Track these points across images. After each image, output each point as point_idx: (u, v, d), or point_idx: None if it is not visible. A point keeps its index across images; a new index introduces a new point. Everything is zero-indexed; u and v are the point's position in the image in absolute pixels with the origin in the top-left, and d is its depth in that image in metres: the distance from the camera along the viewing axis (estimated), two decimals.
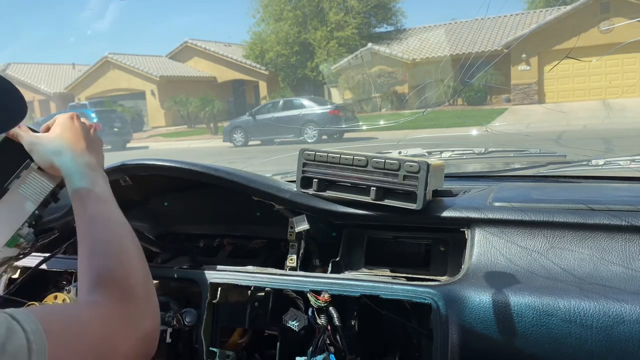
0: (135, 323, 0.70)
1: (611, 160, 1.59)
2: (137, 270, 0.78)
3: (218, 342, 1.11)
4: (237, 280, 1.09)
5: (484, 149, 1.83)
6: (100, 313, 0.68)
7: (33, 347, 0.55)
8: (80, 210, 0.83)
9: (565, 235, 0.97)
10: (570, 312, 0.84)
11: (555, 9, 17.18)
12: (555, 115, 12.86)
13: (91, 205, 0.83)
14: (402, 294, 0.96)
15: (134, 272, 0.76)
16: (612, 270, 0.90)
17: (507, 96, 20.18)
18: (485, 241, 1.01)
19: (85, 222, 0.81)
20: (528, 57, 19.22)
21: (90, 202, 0.83)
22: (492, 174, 1.61)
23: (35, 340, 0.56)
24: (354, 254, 1.18)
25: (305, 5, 25.59)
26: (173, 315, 1.10)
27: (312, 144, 12.47)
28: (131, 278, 0.75)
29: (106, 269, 0.74)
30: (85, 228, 0.81)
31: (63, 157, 0.89)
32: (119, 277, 0.74)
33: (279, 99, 18.60)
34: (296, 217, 1.16)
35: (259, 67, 26.34)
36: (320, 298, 0.98)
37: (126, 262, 0.77)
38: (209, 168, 1.19)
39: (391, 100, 19.60)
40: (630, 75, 17.04)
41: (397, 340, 1.08)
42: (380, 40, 24.00)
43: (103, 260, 0.75)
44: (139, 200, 1.44)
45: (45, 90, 28.54)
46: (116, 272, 0.74)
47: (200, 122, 23.72)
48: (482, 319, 0.89)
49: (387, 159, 1.06)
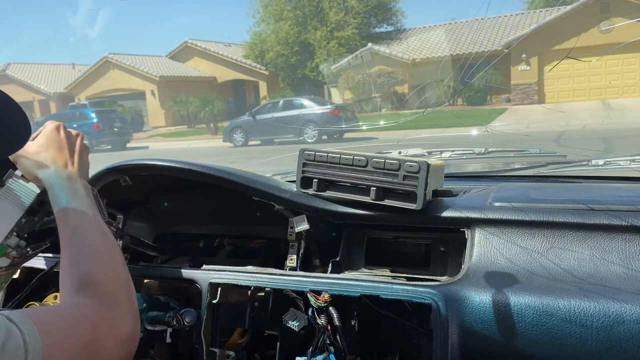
0: (118, 324, 0.74)
1: (611, 160, 1.59)
2: (118, 274, 0.81)
3: (218, 342, 1.10)
4: (237, 280, 1.09)
5: (484, 149, 1.83)
6: (87, 314, 0.71)
7: (29, 347, 0.58)
8: (62, 223, 0.86)
9: (565, 235, 0.97)
10: (570, 312, 0.84)
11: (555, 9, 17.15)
12: (555, 115, 12.85)
13: (72, 217, 0.86)
14: (402, 294, 0.96)
15: (114, 277, 0.80)
16: (612, 270, 0.90)
17: (507, 96, 20.19)
18: (485, 241, 1.01)
19: (67, 233, 0.85)
20: (528, 57, 19.23)
21: (71, 214, 0.87)
22: (492, 174, 1.61)
23: (31, 341, 0.58)
24: (354, 254, 1.18)
25: (305, 5, 25.59)
26: (173, 315, 1.10)
27: (312, 144, 12.49)
28: (112, 282, 0.79)
29: (88, 274, 0.78)
30: (67, 238, 0.84)
31: (46, 171, 0.92)
32: (101, 280, 0.77)
33: (279, 99, 18.60)
34: (296, 217, 1.16)
35: (259, 67, 26.34)
36: (320, 298, 0.98)
37: (107, 267, 0.81)
38: (209, 168, 1.19)
39: (391, 100, 19.61)
40: (630, 75, 17.04)
41: (397, 340, 1.08)
42: (380, 40, 24.00)
43: (84, 267, 0.79)
44: (139, 200, 1.44)
45: (45, 90, 28.54)
46: (98, 276, 0.78)
47: (200, 122, 23.72)
48: (482, 319, 0.89)
49: (387, 159, 1.06)
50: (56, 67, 31.69)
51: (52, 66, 31.65)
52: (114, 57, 27.39)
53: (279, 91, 24.85)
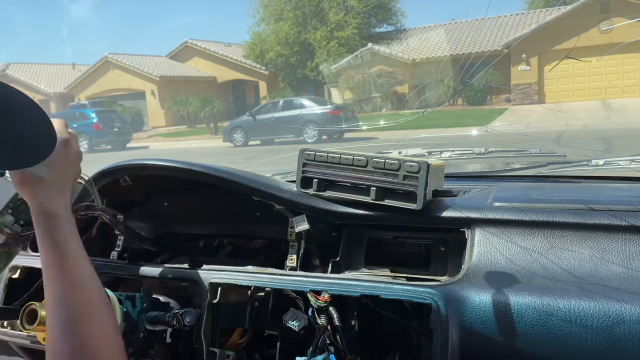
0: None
1: (611, 160, 1.59)
2: (114, 343, 0.76)
3: (218, 342, 1.10)
4: (237, 280, 1.09)
5: (484, 149, 1.83)
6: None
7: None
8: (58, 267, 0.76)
9: (565, 235, 0.97)
10: (570, 312, 0.84)
11: (555, 9, 17.17)
12: (555, 115, 12.84)
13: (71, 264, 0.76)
14: (402, 294, 0.96)
15: (110, 347, 0.75)
16: (612, 270, 0.90)
17: (507, 96, 20.18)
18: (485, 241, 1.01)
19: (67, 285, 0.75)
20: (528, 57, 19.22)
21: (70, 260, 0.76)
22: (492, 174, 1.61)
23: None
24: (354, 254, 1.18)
25: (305, 5, 25.59)
26: (173, 315, 1.10)
27: (312, 144, 12.49)
28: (108, 353, 0.74)
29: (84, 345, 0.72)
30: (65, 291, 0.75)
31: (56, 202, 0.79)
32: (97, 353, 0.73)
33: (279, 99, 18.58)
34: (296, 217, 1.16)
35: (259, 67, 26.34)
36: (320, 298, 0.98)
37: (104, 335, 0.75)
38: (209, 168, 1.19)
39: (391, 100, 19.60)
40: (630, 75, 17.03)
41: (397, 340, 1.08)
42: (380, 40, 24.00)
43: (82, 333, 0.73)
44: (139, 200, 1.44)
45: (45, 90, 28.52)
46: (94, 348, 0.73)
47: (200, 122, 23.71)
48: (482, 319, 0.89)
49: (387, 159, 1.06)
50: (56, 67, 31.66)
51: (52, 66, 31.62)
52: (114, 57, 27.38)
53: (279, 91, 24.84)
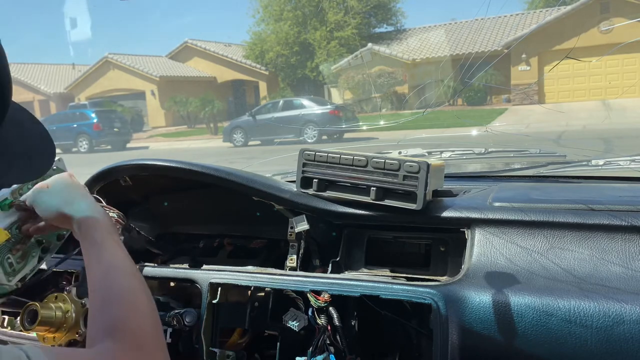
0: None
1: (611, 160, 1.59)
2: (149, 321, 0.79)
3: (218, 342, 1.10)
4: (237, 280, 1.09)
5: (484, 149, 1.83)
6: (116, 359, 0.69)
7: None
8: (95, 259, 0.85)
9: (565, 235, 0.97)
10: (570, 312, 0.84)
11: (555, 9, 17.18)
12: (555, 116, 12.85)
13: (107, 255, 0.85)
14: (402, 294, 0.96)
15: (145, 323, 0.78)
16: (612, 270, 0.90)
17: (507, 96, 20.18)
18: (485, 241, 1.01)
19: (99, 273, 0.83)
20: (528, 57, 19.21)
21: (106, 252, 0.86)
22: (492, 174, 1.61)
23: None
24: (354, 254, 1.18)
25: (305, 5, 25.59)
26: (173, 315, 1.10)
27: (312, 144, 12.47)
28: (143, 329, 0.76)
29: (119, 319, 0.75)
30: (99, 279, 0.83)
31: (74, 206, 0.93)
32: (131, 327, 0.75)
33: (279, 99, 18.59)
34: (296, 217, 1.16)
35: (259, 67, 26.33)
36: (320, 298, 0.98)
37: (139, 313, 0.79)
38: (209, 168, 1.19)
39: (391, 100, 19.60)
40: (630, 75, 17.02)
41: (397, 340, 1.08)
42: (380, 40, 24.00)
43: (116, 311, 0.77)
44: (139, 200, 1.44)
45: (45, 91, 28.52)
46: (129, 322, 0.75)
47: (200, 122, 23.71)
48: (482, 319, 0.89)
49: (387, 159, 1.06)
50: (56, 67, 31.65)
51: (52, 66, 31.61)
52: (114, 57, 27.37)
53: (279, 91, 24.85)
